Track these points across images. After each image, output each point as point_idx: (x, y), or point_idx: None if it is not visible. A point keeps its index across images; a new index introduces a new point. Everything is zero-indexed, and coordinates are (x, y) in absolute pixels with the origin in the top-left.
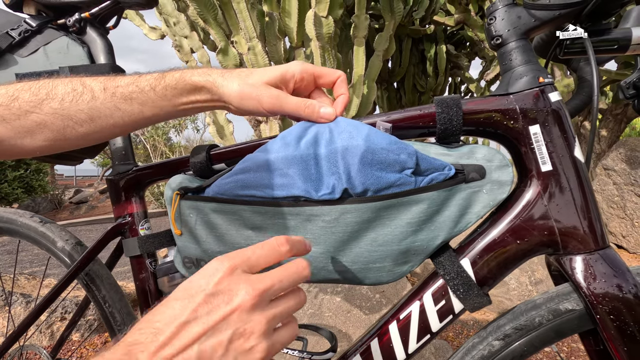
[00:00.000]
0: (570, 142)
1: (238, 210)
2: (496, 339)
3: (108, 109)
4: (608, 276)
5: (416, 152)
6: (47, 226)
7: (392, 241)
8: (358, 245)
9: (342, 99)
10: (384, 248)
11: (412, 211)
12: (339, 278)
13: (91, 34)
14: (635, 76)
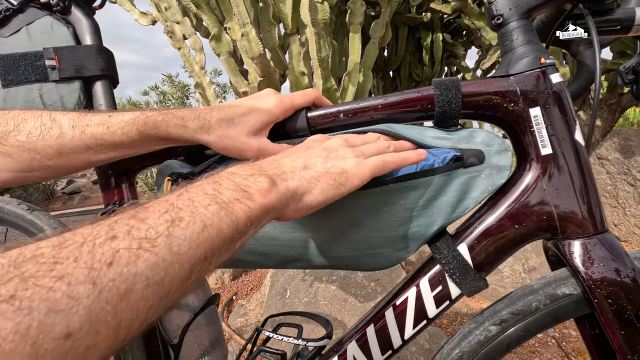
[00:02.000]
0: (571, 124)
1: None
2: (493, 324)
3: (77, 146)
4: (606, 260)
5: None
6: (35, 214)
7: (390, 226)
8: (355, 231)
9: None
10: (381, 233)
11: (409, 196)
12: (336, 265)
13: (76, 14)
14: (635, 61)
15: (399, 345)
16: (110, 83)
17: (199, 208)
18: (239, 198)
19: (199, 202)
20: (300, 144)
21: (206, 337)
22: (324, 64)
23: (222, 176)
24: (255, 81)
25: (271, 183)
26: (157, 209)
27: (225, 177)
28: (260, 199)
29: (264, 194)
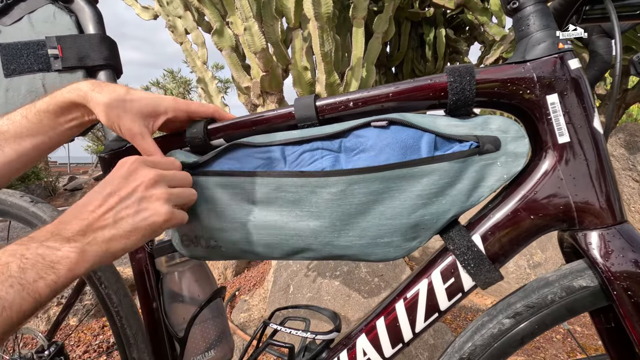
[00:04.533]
0: (590, 112)
1: (241, 183)
2: (507, 317)
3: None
4: (626, 251)
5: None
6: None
7: (401, 214)
8: (366, 219)
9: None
10: (392, 222)
11: (422, 183)
12: (344, 254)
13: (79, 2)
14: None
15: (410, 338)
16: (113, 73)
17: (0, 292)
18: (44, 276)
19: (2, 283)
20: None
21: (212, 331)
22: (327, 58)
23: (31, 248)
24: (258, 76)
25: (80, 254)
26: None
27: (34, 249)
28: (67, 273)
29: (72, 267)
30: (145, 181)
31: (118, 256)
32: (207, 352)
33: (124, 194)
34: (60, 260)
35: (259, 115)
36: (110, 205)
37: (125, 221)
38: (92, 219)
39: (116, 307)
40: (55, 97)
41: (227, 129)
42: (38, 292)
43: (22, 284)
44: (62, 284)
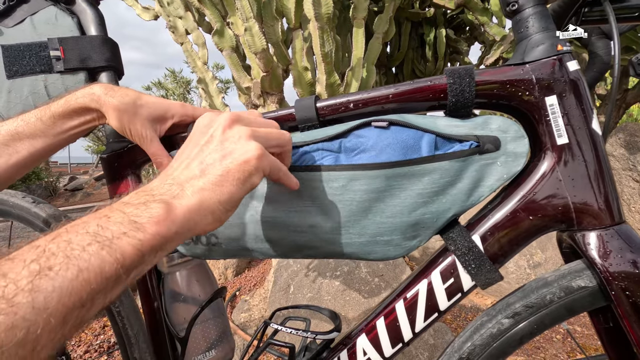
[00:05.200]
0: (588, 113)
1: None
2: (506, 317)
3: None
4: (624, 252)
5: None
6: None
7: (401, 213)
8: (366, 216)
9: None
10: (392, 220)
11: (423, 181)
12: (344, 252)
13: (81, 4)
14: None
15: (410, 338)
16: (115, 74)
17: (75, 250)
18: (126, 232)
19: (77, 242)
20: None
21: (213, 330)
22: (328, 58)
23: (113, 208)
24: (258, 76)
25: (167, 209)
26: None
27: (116, 208)
28: (153, 228)
29: (158, 222)
30: (222, 123)
31: (217, 215)
32: (208, 352)
33: (204, 141)
34: (143, 213)
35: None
36: (194, 156)
37: (213, 167)
38: (177, 173)
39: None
40: (70, 102)
41: None
42: (120, 251)
43: (100, 242)
44: (149, 245)
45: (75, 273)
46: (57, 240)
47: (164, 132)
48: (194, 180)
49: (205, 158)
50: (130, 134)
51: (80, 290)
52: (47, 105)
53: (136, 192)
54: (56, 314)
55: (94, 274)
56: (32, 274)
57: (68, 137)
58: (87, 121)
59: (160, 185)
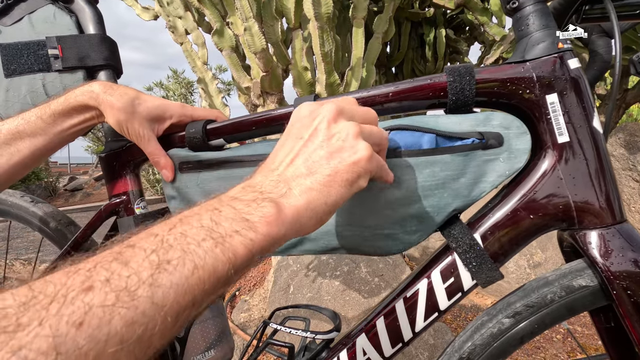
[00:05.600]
0: (589, 112)
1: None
2: (506, 317)
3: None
4: (625, 251)
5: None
6: (39, 206)
7: (401, 205)
8: (367, 207)
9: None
10: (392, 212)
11: (424, 173)
12: (345, 246)
13: (79, 3)
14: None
15: (410, 337)
16: (114, 73)
17: (191, 245)
18: (238, 230)
19: (193, 236)
20: (289, 128)
21: (212, 330)
22: (327, 58)
23: (223, 201)
24: (258, 76)
25: (277, 209)
26: (144, 247)
27: (227, 202)
28: (264, 229)
29: (270, 223)
30: (327, 115)
31: (321, 217)
32: (207, 352)
33: (307, 135)
34: (255, 212)
35: (258, 116)
36: (297, 151)
37: (320, 165)
38: (281, 171)
39: None
40: (69, 100)
41: (225, 129)
42: (233, 251)
43: (214, 238)
44: (259, 246)
45: (191, 270)
46: (174, 232)
47: (162, 132)
48: (301, 178)
49: (311, 155)
50: (127, 133)
51: (194, 289)
52: (47, 104)
53: (242, 187)
54: (172, 313)
55: (207, 273)
56: (152, 266)
57: (68, 136)
58: (86, 119)
59: (266, 181)
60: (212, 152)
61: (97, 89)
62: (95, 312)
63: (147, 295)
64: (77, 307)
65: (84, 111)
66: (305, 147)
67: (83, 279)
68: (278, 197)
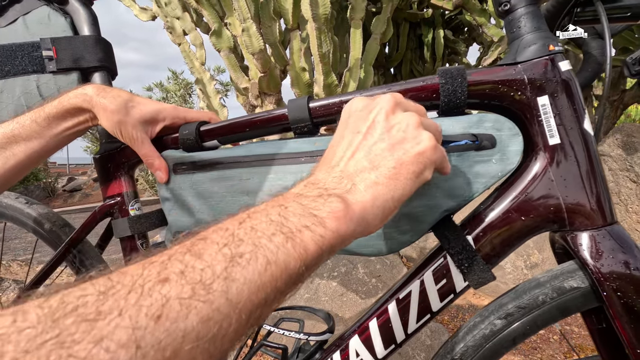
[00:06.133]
0: (580, 114)
1: (238, 175)
2: (498, 318)
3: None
4: (616, 253)
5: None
6: (34, 207)
7: None
8: None
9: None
10: None
11: None
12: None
13: (74, 4)
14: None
15: (402, 339)
16: (108, 74)
17: (262, 239)
18: (308, 225)
19: (263, 231)
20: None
21: None
22: (325, 59)
23: (288, 198)
24: (256, 77)
25: (344, 204)
26: (216, 241)
27: (292, 199)
28: (333, 224)
29: (339, 218)
30: (385, 106)
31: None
32: None
33: (365, 128)
34: (323, 207)
35: (251, 117)
36: (357, 145)
37: (384, 158)
38: (342, 167)
39: None
40: (63, 102)
41: (219, 130)
42: (304, 246)
43: (284, 233)
44: (329, 243)
45: (264, 265)
46: (244, 226)
47: (156, 134)
48: (365, 173)
49: (372, 148)
50: (121, 135)
51: (267, 286)
52: (41, 107)
53: (305, 185)
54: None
55: (280, 270)
56: (225, 260)
57: (63, 139)
58: (80, 122)
59: (329, 177)
60: (205, 153)
61: (91, 91)
62: (173, 305)
63: (222, 289)
64: (154, 299)
65: (78, 114)
66: (365, 141)
67: (159, 270)
68: (343, 192)
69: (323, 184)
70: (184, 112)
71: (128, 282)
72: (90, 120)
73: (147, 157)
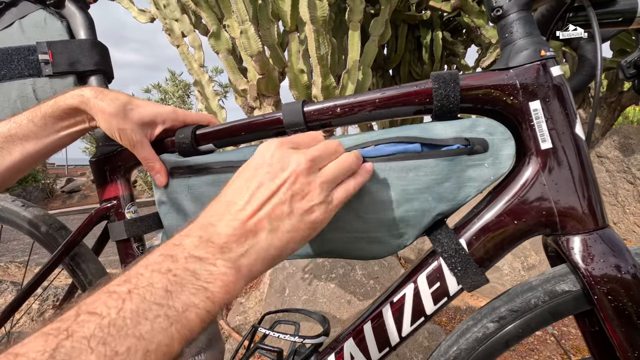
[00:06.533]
0: (572, 118)
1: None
2: (491, 321)
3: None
4: (607, 256)
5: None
6: (30, 210)
7: (387, 207)
8: (353, 210)
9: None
10: (377, 216)
11: (408, 177)
12: (330, 250)
13: (70, 8)
14: (636, 55)
15: (397, 342)
16: (104, 78)
17: (144, 326)
18: (196, 302)
19: (144, 315)
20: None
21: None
22: (323, 61)
23: (179, 261)
24: (254, 79)
25: (236, 273)
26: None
27: (183, 262)
28: (223, 297)
29: (229, 290)
30: (297, 171)
31: (271, 264)
32: (198, 356)
33: (275, 187)
34: (215, 280)
35: (247, 121)
36: (261, 202)
37: (283, 223)
38: (243, 220)
39: None
40: (59, 102)
41: (215, 134)
42: (188, 327)
43: (169, 316)
44: (213, 315)
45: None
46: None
47: (155, 137)
48: (262, 234)
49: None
50: (119, 138)
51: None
52: (38, 107)
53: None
54: None
55: (161, 354)
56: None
57: (59, 140)
58: (76, 123)
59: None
60: (201, 157)
61: (88, 94)
62: None
63: None
64: None
65: (74, 114)
66: (270, 200)
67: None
68: (238, 257)
69: (218, 240)
70: (183, 114)
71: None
72: (88, 122)
73: (147, 160)
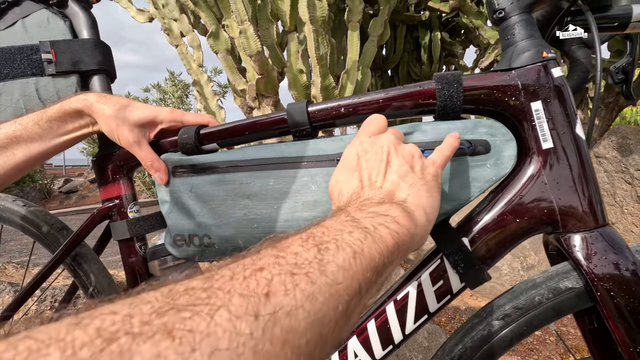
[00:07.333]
0: (572, 119)
1: (239, 178)
2: (496, 319)
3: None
4: (608, 253)
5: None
6: (31, 210)
7: None
8: None
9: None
10: None
11: None
12: None
13: (73, 7)
14: (625, 61)
15: (400, 340)
16: (107, 77)
17: (343, 234)
18: (382, 222)
19: (339, 230)
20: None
21: None
22: (323, 61)
23: (352, 205)
24: (253, 79)
25: (404, 208)
26: (297, 238)
27: (356, 207)
28: (405, 222)
29: (407, 217)
30: (394, 142)
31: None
32: None
33: (385, 158)
34: (390, 210)
35: (251, 121)
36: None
37: (411, 176)
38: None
39: None
40: (64, 106)
41: (218, 134)
42: (383, 240)
43: (361, 229)
44: (403, 239)
45: (352, 254)
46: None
47: (153, 137)
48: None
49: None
50: (118, 140)
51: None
52: (44, 110)
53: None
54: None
55: (367, 260)
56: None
57: (63, 142)
58: (81, 126)
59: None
60: (205, 156)
61: (92, 98)
62: (277, 284)
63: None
64: (258, 281)
65: (79, 118)
66: (390, 165)
67: (251, 262)
68: (399, 201)
69: (376, 199)
70: (181, 114)
71: (227, 273)
72: (91, 126)
73: (145, 159)
